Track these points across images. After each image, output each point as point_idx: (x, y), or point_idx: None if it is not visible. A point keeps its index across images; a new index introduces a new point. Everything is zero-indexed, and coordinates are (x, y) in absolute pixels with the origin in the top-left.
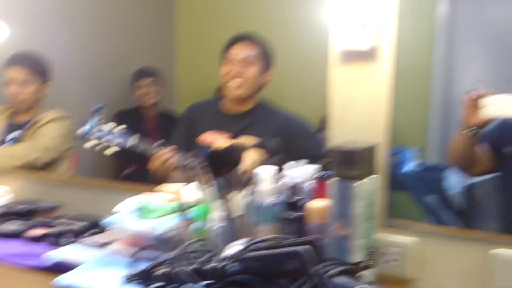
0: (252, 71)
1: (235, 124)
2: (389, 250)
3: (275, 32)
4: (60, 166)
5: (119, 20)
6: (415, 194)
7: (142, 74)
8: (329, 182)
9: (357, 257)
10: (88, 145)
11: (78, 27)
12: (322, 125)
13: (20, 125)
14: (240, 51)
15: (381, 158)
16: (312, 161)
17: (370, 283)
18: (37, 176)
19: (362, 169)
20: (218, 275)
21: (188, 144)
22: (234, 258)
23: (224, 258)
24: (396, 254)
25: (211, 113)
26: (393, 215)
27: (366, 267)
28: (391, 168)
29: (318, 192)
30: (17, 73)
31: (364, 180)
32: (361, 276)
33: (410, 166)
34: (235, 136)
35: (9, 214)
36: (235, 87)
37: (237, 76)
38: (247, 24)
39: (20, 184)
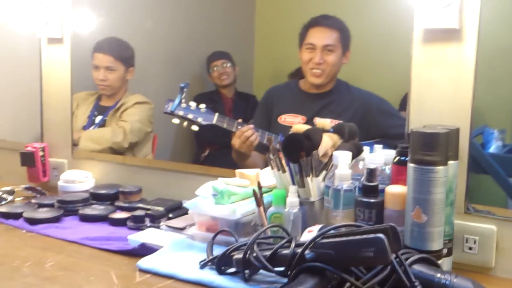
0: (333, 58)
1: (315, 103)
2: (469, 237)
3: (357, 11)
4: (142, 149)
5: (201, 6)
6: (499, 177)
7: (215, 56)
8: (408, 166)
9: (435, 244)
10: (175, 120)
11: (160, 14)
12: (403, 105)
13: (105, 109)
14: (320, 38)
15: (464, 143)
16: (393, 140)
17: (449, 271)
18: (118, 160)
19: (444, 154)
20: (293, 262)
21: (268, 128)
22: (309, 244)
23: (300, 245)
24: (476, 241)
25: (290, 93)
26: (474, 200)
27: (445, 255)
28: (473, 149)
29: (397, 177)
30: (102, 60)
31: (445, 166)
32: (440, 265)
33: (494, 147)
34: (315, 115)
35: (92, 198)
36: (317, 75)
37: (319, 64)
38: (327, 3)
39: (103, 169)
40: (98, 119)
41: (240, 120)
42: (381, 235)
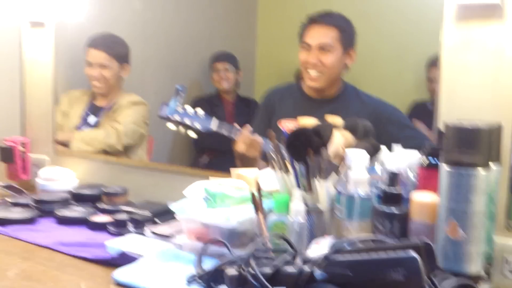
0: (330, 59)
1: (319, 110)
2: (510, 258)
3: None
4: (137, 152)
5: (202, 8)
6: None
7: (219, 57)
8: (441, 169)
9: (474, 266)
10: (170, 126)
11: (159, 10)
12: (412, 114)
13: (99, 109)
14: (316, 37)
15: (507, 142)
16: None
17: None
18: (104, 158)
19: (486, 154)
20: (299, 282)
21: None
22: (319, 262)
23: (308, 261)
24: None
25: (293, 98)
26: None
27: (485, 279)
28: None
29: (426, 182)
30: (95, 57)
31: (488, 168)
32: None
33: None
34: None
35: (73, 199)
36: (313, 78)
37: (314, 65)
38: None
39: (87, 167)
40: (91, 119)
41: (237, 126)
42: (414, 254)
